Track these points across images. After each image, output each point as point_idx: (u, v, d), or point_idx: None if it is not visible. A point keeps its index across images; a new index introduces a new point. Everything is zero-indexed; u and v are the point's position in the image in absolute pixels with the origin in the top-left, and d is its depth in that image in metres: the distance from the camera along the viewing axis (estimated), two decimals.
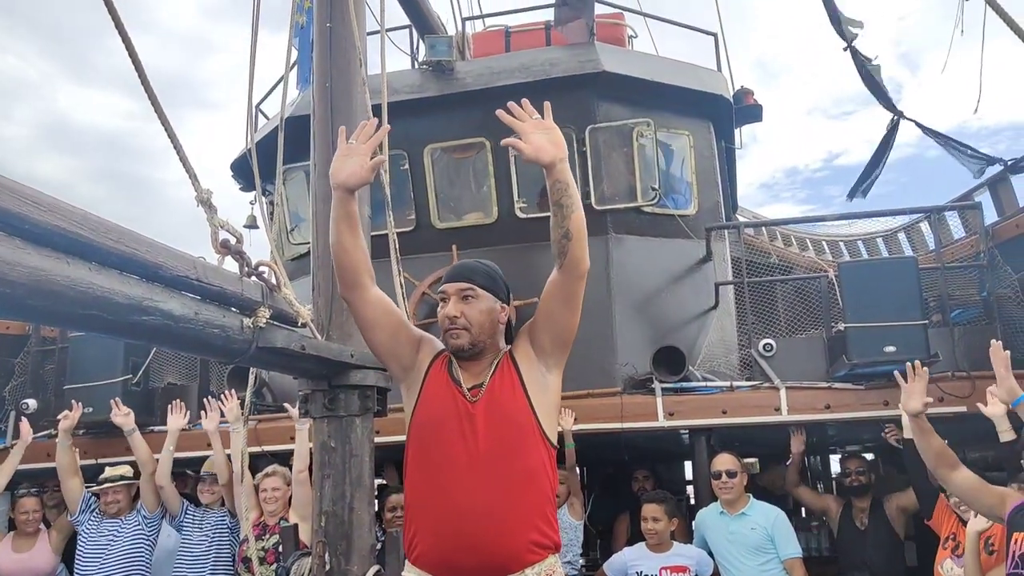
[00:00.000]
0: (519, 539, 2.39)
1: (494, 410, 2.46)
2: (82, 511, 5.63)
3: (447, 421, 2.47)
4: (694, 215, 6.79)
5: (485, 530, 2.35)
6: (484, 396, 2.49)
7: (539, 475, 2.46)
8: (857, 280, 5.68)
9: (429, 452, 2.48)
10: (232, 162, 7.50)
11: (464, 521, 2.36)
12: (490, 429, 2.43)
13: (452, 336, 2.52)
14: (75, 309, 1.81)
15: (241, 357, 2.55)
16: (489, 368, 2.55)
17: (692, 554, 5.04)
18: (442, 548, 2.40)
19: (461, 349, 2.53)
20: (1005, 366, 3.54)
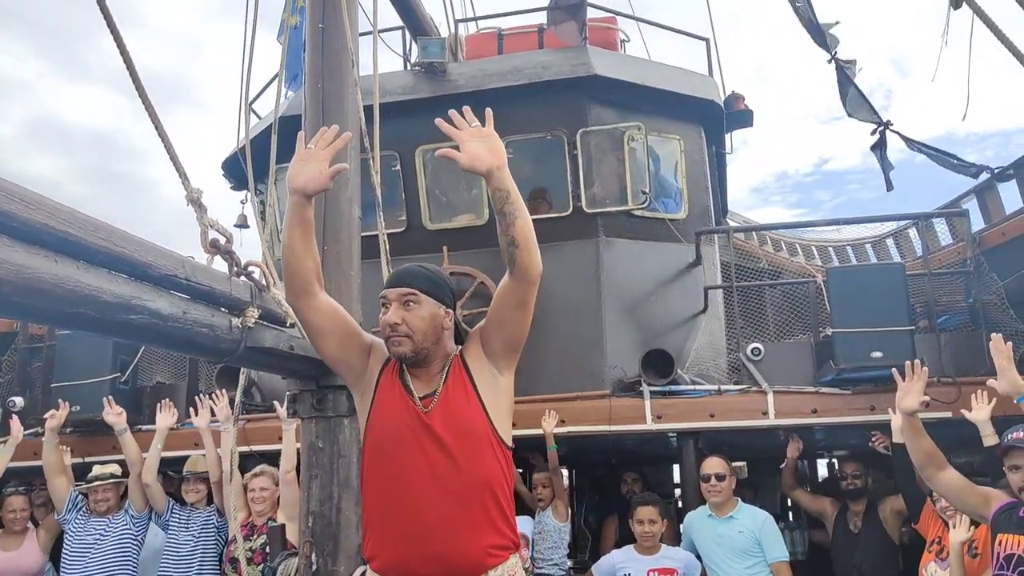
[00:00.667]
0: (479, 545, 2.40)
1: (449, 420, 2.45)
2: (69, 509, 5.60)
3: (402, 431, 2.46)
4: (684, 219, 6.82)
5: (446, 540, 2.36)
6: (438, 405, 2.47)
7: (496, 480, 2.46)
8: (845, 285, 5.72)
9: (385, 462, 2.47)
10: (223, 161, 7.48)
11: (425, 532, 2.37)
12: (446, 439, 2.42)
13: (394, 344, 2.47)
14: (62, 307, 1.81)
15: (230, 357, 2.56)
16: (440, 374, 2.52)
17: (680, 557, 5.06)
18: (403, 559, 2.41)
19: (404, 356, 2.49)
20: (1007, 358, 3.56)
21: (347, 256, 3.61)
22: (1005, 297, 6.02)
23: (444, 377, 2.52)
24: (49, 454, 5.64)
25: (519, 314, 2.47)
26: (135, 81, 2.24)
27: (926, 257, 6.65)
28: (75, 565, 5.47)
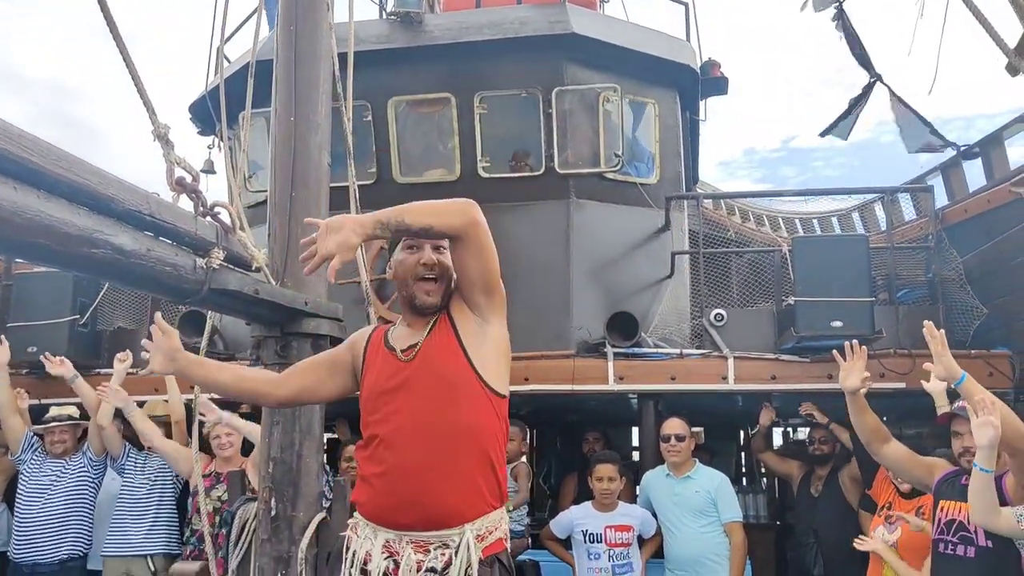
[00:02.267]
0: (457, 495, 2.41)
1: (428, 368, 2.46)
2: (24, 450, 5.54)
3: (384, 384, 2.49)
4: (655, 184, 6.83)
5: (421, 486, 2.37)
6: (418, 355, 2.49)
7: (480, 429, 2.46)
8: (809, 255, 5.79)
9: (372, 416, 2.51)
10: (191, 104, 7.31)
11: (399, 478, 2.39)
12: (424, 387, 2.44)
13: (427, 293, 2.50)
14: (22, 236, 1.77)
15: (193, 297, 2.52)
16: (427, 325, 2.54)
17: (637, 514, 5.16)
18: (380, 504, 2.44)
19: (433, 307, 2.52)
20: (942, 343, 3.65)
21: (315, 204, 3.56)
22: (963, 273, 6.15)
23: (429, 329, 2.53)
24: (1, 393, 5.54)
25: (478, 257, 2.45)
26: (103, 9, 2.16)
27: (890, 231, 6.76)
28: (30, 506, 5.43)
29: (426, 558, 2.38)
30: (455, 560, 2.36)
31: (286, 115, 3.56)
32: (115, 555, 5.37)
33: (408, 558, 2.38)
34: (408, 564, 2.37)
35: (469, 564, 2.37)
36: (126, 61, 2.29)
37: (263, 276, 2.96)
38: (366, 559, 2.44)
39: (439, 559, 2.38)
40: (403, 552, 2.39)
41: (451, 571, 2.36)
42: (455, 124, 6.44)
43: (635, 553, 5.05)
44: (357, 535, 2.51)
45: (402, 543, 2.41)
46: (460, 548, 2.37)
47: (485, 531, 2.45)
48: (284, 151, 3.48)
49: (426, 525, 2.40)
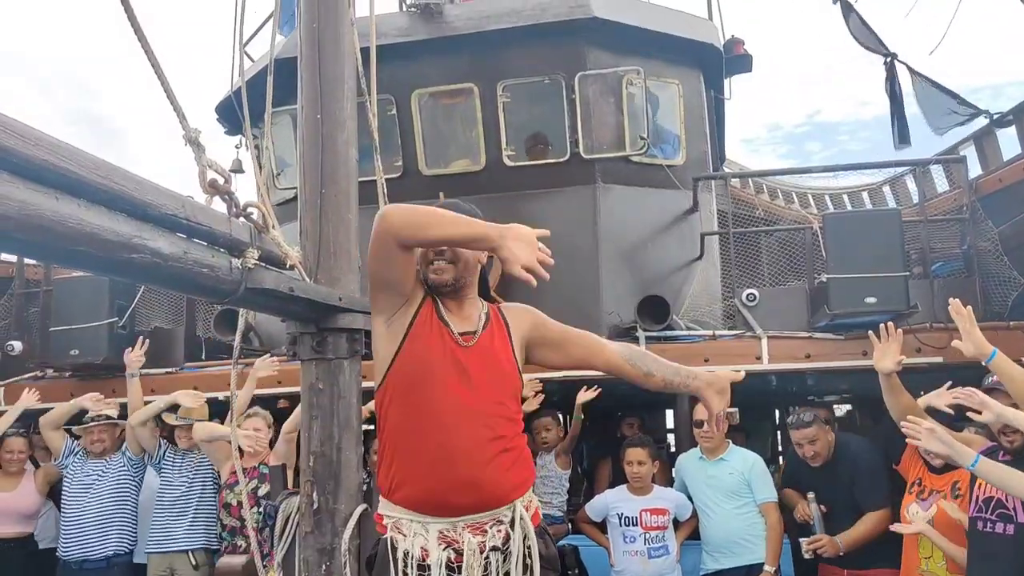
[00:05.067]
0: (508, 476, 2.50)
1: (486, 359, 2.54)
2: (66, 455, 5.69)
3: (436, 364, 2.50)
4: (682, 165, 6.79)
5: (478, 468, 2.42)
6: (479, 343, 2.56)
7: (517, 419, 2.62)
8: (841, 231, 5.74)
9: (417, 394, 2.50)
10: (217, 105, 7.39)
11: (456, 461, 2.42)
12: (480, 372, 2.51)
13: (435, 272, 2.56)
14: (65, 245, 1.81)
15: (230, 298, 2.56)
16: (478, 317, 2.62)
17: (672, 497, 5.17)
18: (433, 488, 2.44)
19: (445, 284, 2.56)
20: (969, 320, 3.63)
21: (344, 200, 3.58)
22: (999, 243, 6.05)
23: (484, 321, 2.61)
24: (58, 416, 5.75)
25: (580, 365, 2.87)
26: (130, 17, 2.20)
27: (923, 204, 6.67)
28: (75, 505, 5.57)
29: (485, 538, 2.43)
30: (513, 534, 2.42)
31: (312, 112, 3.58)
32: (158, 551, 5.49)
33: (469, 542, 2.41)
34: (471, 548, 2.40)
35: (527, 535, 2.46)
36: (155, 68, 2.33)
37: (297, 274, 2.99)
38: (423, 555, 2.43)
39: (497, 536, 2.44)
40: (462, 538, 2.42)
41: (512, 545, 2.42)
42: (479, 114, 6.45)
43: (671, 536, 5.07)
44: (403, 534, 2.49)
45: (458, 529, 2.43)
46: (516, 521, 2.44)
47: (527, 502, 2.57)
48: (312, 149, 3.50)
49: (481, 506, 2.44)
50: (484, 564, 2.42)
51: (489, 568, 2.42)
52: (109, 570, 5.53)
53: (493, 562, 2.42)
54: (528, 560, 2.46)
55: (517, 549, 2.43)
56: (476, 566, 2.40)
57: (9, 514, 5.78)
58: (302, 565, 3.23)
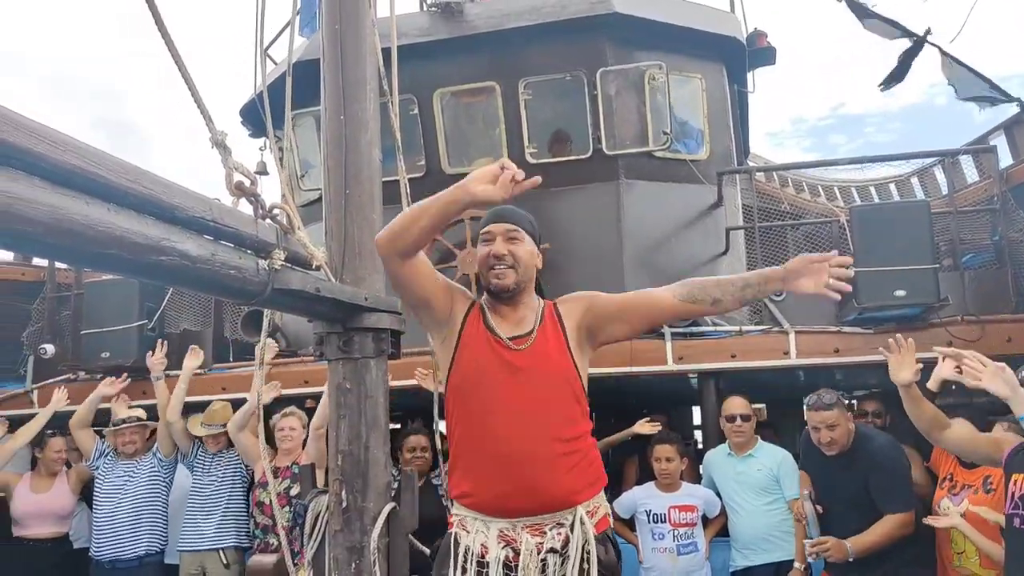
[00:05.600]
0: (569, 478, 2.49)
1: (542, 360, 2.55)
2: (96, 457, 5.77)
3: (489, 371, 2.55)
4: (705, 160, 6.75)
5: (536, 473, 2.43)
6: (532, 345, 2.57)
7: (581, 420, 2.58)
8: (868, 224, 5.66)
9: (473, 401, 2.56)
10: (241, 108, 7.46)
11: (513, 465, 2.44)
12: (536, 376, 2.52)
13: (497, 276, 2.58)
14: (95, 248, 1.83)
15: (257, 299, 2.57)
16: (531, 318, 2.62)
17: (700, 494, 5.14)
18: (493, 492, 2.49)
19: (506, 289, 2.59)
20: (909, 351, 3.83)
21: (368, 200, 3.59)
22: None
23: (538, 321, 2.60)
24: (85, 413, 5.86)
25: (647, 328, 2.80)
26: (157, 21, 2.22)
27: (952, 195, 6.57)
28: (106, 506, 5.66)
29: (544, 540, 2.43)
30: (572, 537, 2.41)
31: (335, 113, 3.60)
32: (190, 550, 5.55)
33: (527, 543, 2.42)
34: (528, 548, 2.42)
35: (586, 539, 2.42)
36: (182, 72, 2.35)
37: (323, 274, 3.01)
38: (483, 552, 2.47)
39: (556, 539, 2.44)
40: (520, 538, 2.43)
41: (570, 548, 2.41)
42: (500, 112, 6.45)
43: (699, 533, 5.04)
44: (467, 530, 2.54)
45: (517, 529, 2.45)
46: (575, 525, 2.43)
47: (593, 508, 2.55)
48: (336, 150, 3.52)
49: (540, 509, 2.45)
50: (541, 566, 2.42)
51: (547, 570, 2.43)
52: (141, 569, 5.61)
53: (551, 564, 2.43)
54: (586, 565, 2.44)
55: (575, 553, 2.42)
56: (532, 567, 2.41)
57: (46, 515, 5.88)
58: (332, 564, 3.24)
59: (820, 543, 4.19)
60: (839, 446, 4.37)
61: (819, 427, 4.36)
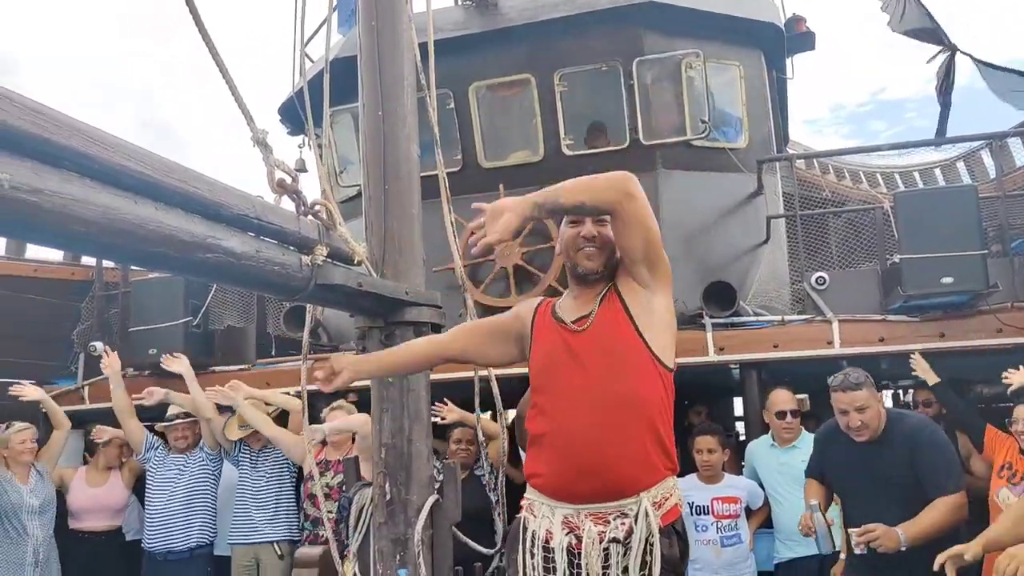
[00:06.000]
0: (631, 462, 2.43)
1: (601, 339, 2.51)
2: (147, 450, 5.89)
3: (555, 355, 2.56)
4: (745, 148, 6.67)
5: (598, 455, 2.41)
6: (592, 325, 2.55)
7: (649, 400, 2.48)
8: (913, 210, 5.56)
9: (544, 386, 2.57)
10: (280, 106, 7.54)
11: (574, 447, 2.43)
12: (597, 357, 2.49)
13: (587, 257, 2.58)
14: (144, 247, 1.87)
15: (301, 294, 2.62)
16: (596, 299, 2.60)
17: (743, 485, 5.10)
18: (556, 474, 2.49)
19: (594, 271, 2.59)
20: None
21: (408, 195, 3.62)
22: None
23: (599, 301, 2.59)
24: (119, 398, 5.89)
25: (633, 229, 2.50)
26: (197, 23, 2.26)
27: (1000, 179, 6.41)
28: (157, 499, 5.77)
29: (606, 529, 2.42)
30: (635, 528, 2.40)
31: (374, 110, 3.63)
32: (242, 543, 5.65)
33: (589, 531, 2.42)
34: (590, 536, 2.41)
35: (650, 532, 2.40)
36: (222, 72, 2.39)
37: (364, 269, 3.04)
38: (547, 537, 2.49)
39: (619, 528, 2.41)
40: (583, 525, 2.43)
41: (632, 540, 2.39)
42: (536, 104, 6.44)
43: (743, 524, 5.00)
44: (534, 515, 2.56)
45: (581, 517, 2.44)
46: (639, 516, 2.40)
47: (661, 498, 2.47)
48: (375, 146, 3.55)
49: (604, 495, 2.43)
50: (604, 555, 2.42)
51: (609, 560, 2.42)
52: (192, 561, 5.72)
53: (613, 553, 2.41)
54: (648, 557, 2.42)
55: (637, 545, 2.40)
56: (594, 555, 2.40)
57: (102, 509, 6.03)
58: (376, 555, 3.29)
59: (868, 531, 3.62)
60: (870, 431, 3.83)
61: (847, 410, 3.83)
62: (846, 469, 4.01)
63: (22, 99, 1.54)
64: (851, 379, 3.85)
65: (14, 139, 1.52)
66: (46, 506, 5.72)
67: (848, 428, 3.86)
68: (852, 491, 3.99)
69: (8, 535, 5.55)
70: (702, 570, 4.96)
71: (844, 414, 3.87)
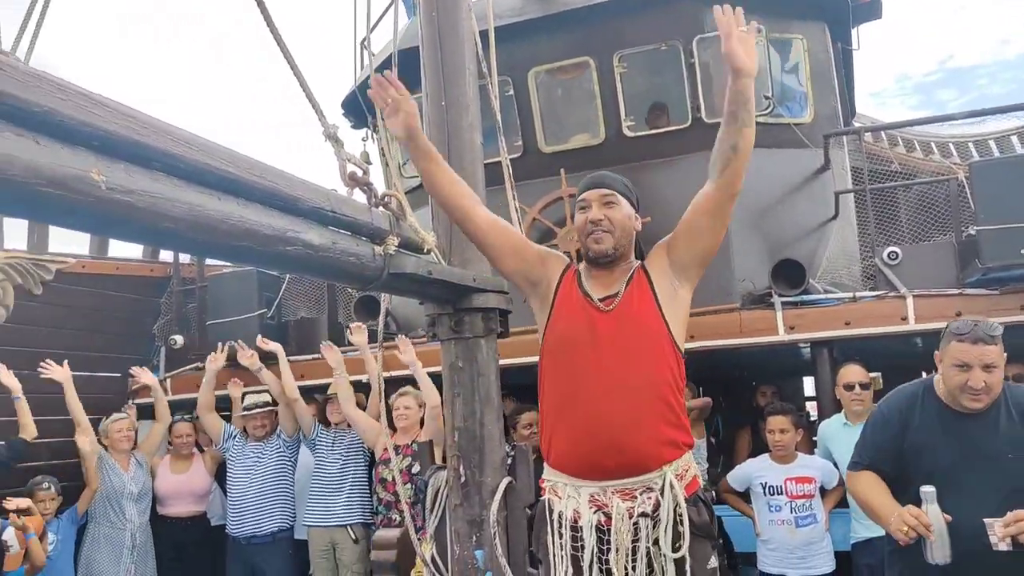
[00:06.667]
0: (655, 438, 2.50)
1: (627, 320, 2.56)
2: (225, 439, 6.12)
3: (580, 332, 2.59)
4: (810, 123, 6.53)
5: (622, 431, 2.45)
6: (618, 306, 2.58)
7: (669, 380, 2.55)
8: (991, 179, 5.37)
9: (562, 363, 2.60)
10: (343, 100, 7.67)
11: (600, 424, 2.47)
12: (621, 336, 2.53)
13: (595, 241, 2.61)
14: (229, 241, 1.96)
15: (374, 283, 2.69)
16: (623, 278, 2.62)
17: (818, 465, 5.04)
18: (581, 452, 2.52)
19: (604, 254, 2.61)
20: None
21: (471, 182, 3.65)
22: None
23: (627, 282, 2.62)
24: (205, 394, 6.17)
25: (716, 224, 2.56)
26: (267, 20, 2.33)
27: None
28: (240, 485, 6.00)
29: (634, 504, 2.46)
30: (663, 501, 2.43)
31: (437, 99, 3.69)
32: (319, 525, 5.83)
33: (618, 507, 2.46)
34: (619, 512, 2.45)
35: (677, 503, 2.44)
36: (292, 68, 2.47)
37: (434, 257, 3.11)
38: (575, 517, 2.53)
39: (647, 503, 2.46)
40: (611, 502, 2.47)
41: (661, 512, 2.43)
42: (596, 87, 6.42)
43: (818, 504, 4.94)
44: (559, 496, 2.59)
45: (607, 494, 2.49)
46: (665, 489, 2.44)
47: (682, 471, 2.55)
48: (438, 134, 3.61)
49: (628, 471, 2.48)
50: (634, 529, 2.45)
51: (639, 533, 2.46)
52: (274, 545, 5.94)
53: (643, 527, 2.46)
54: (681, 528, 2.46)
55: (666, 516, 2.44)
56: (624, 531, 2.45)
57: (186, 495, 6.30)
58: (453, 536, 3.37)
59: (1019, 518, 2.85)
60: (991, 396, 3.08)
61: (971, 365, 3.02)
62: (942, 442, 3.14)
63: (116, 104, 1.63)
64: (985, 329, 3.06)
65: (109, 142, 1.61)
66: (144, 493, 6.07)
67: (967, 389, 3.04)
68: (949, 471, 3.09)
69: (109, 518, 5.90)
70: (777, 550, 4.94)
71: (964, 369, 3.04)
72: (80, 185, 1.55)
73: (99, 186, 1.58)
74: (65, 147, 1.52)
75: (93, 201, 1.58)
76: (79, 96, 1.55)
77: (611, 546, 2.47)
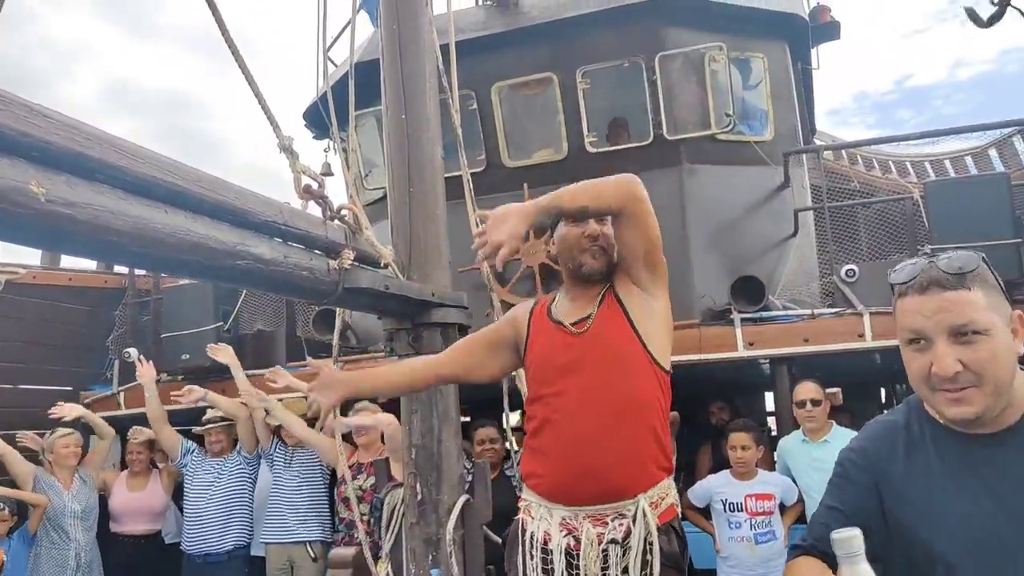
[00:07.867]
0: (631, 466, 2.43)
1: (600, 342, 2.50)
2: (183, 455, 5.97)
3: (553, 357, 2.54)
4: (771, 141, 6.62)
5: (597, 458, 2.41)
6: (591, 328, 2.53)
7: (648, 403, 2.48)
8: (944, 199, 5.49)
9: (542, 387, 2.56)
10: (304, 111, 7.61)
11: (576, 450, 2.43)
12: (596, 361, 2.47)
13: (592, 256, 2.56)
14: (177, 255, 1.91)
15: (329, 298, 2.64)
16: (595, 300, 2.58)
17: (777, 481, 5.05)
18: (557, 478, 2.47)
19: (598, 272, 2.57)
20: None
21: (432, 197, 3.64)
22: None
23: (598, 303, 2.58)
24: (153, 407, 5.97)
25: (635, 231, 2.48)
26: (224, 33, 2.29)
27: None
28: (198, 502, 5.86)
29: (605, 530, 2.42)
30: (634, 529, 2.40)
31: (397, 113, 3.65)
32: (276, 542, 5.71)
33: (588, 532, 2.42)
34: (588, 538, 2.41)
35: (648, 532, 2.41)
36: (248, 80, 2.42)
37: (391, 271, 3.07)
38: (546, 539, 2.49)
39: (617, 530, 2.42)
40: (581, 527, 2.44)
41: (631, 540, 2.40)
42: (559, 103, 6.44)
43: (777, 521, 4.95)
44: (532, 517, 2.56)
45: (579, 519, 2.44)
46: (637, 517, 2.41)
47: (658, 498, 2.48)
48: (398, 148, 3.57)
49: (602, 497, 2.43)
50: (603, 556, 2.42)
51: (608, 560, 2.42)
52: (230, 563, 5.80)
53: (612, 555, 2.42)
54: (649, 556, 2.42)
55: (637, 544, 2.40)
56: (593, 556, 2.41)
57: (143, 512, 6.14)
58: (409, 555, 3.32)
59: None
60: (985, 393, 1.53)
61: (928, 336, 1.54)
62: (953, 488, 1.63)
63: (58, 115, 1.58)
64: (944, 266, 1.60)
65: (50, 153, 1.55)
66: (88, 511, 5.86)
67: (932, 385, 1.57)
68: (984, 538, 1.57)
69: (51, 539, 5.69)
70: (736, 567, 4.94)
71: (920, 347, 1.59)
72: (18, 197, 1.49)
73: (39, 198, 1.53)
74: (3, 158, 1.47)
75: (32, 214, 1.53)
76: (19, 107, 1.50)
77: (579, 571, 2.44)
